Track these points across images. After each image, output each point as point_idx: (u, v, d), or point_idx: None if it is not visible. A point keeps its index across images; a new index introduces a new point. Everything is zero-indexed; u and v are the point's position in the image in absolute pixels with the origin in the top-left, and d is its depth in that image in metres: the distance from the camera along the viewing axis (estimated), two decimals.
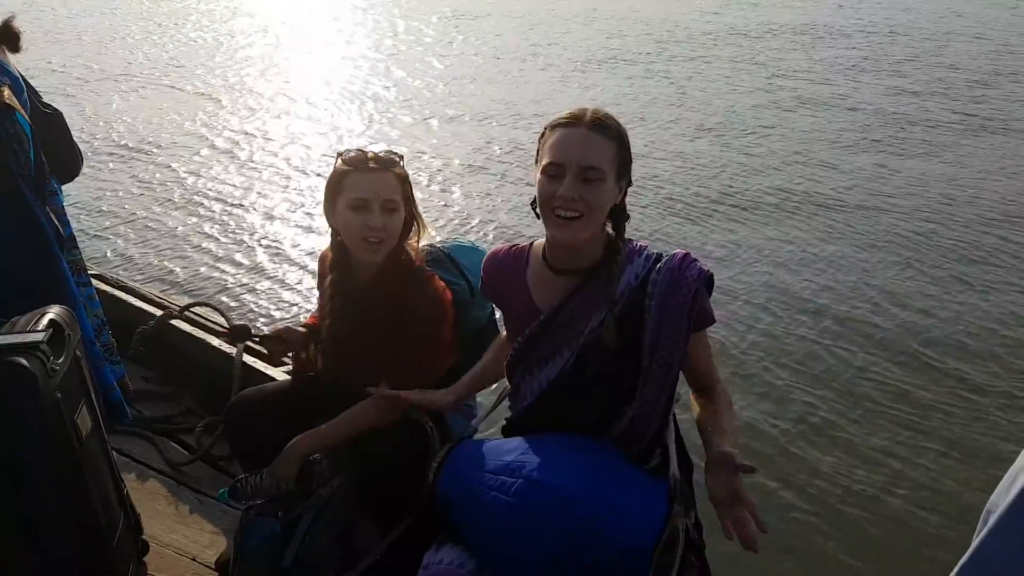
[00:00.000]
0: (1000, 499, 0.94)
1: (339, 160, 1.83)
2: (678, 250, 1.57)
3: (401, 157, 1.86)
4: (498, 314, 1.96)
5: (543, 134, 1.54)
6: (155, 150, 7.48)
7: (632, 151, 1.56)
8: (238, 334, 2.18)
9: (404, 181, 1.84)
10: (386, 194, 1.79)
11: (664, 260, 1.55)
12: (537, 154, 1.54)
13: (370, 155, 1.81)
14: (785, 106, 8.78)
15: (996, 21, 13.62)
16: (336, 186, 1.82)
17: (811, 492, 3.19)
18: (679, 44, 12.15)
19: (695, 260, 1.55)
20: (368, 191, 1.77)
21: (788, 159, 7.11)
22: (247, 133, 8.05)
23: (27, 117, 2.15)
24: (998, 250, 5.32)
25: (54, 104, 2.40)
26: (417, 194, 1.88)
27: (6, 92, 2.05)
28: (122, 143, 7.66)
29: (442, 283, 1.88)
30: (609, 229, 1.59)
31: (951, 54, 11.16)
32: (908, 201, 6.12)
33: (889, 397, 3.78)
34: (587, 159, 1.45)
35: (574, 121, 1.49)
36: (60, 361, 1.54)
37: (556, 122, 1.52)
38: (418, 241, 1.91)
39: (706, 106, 8.80)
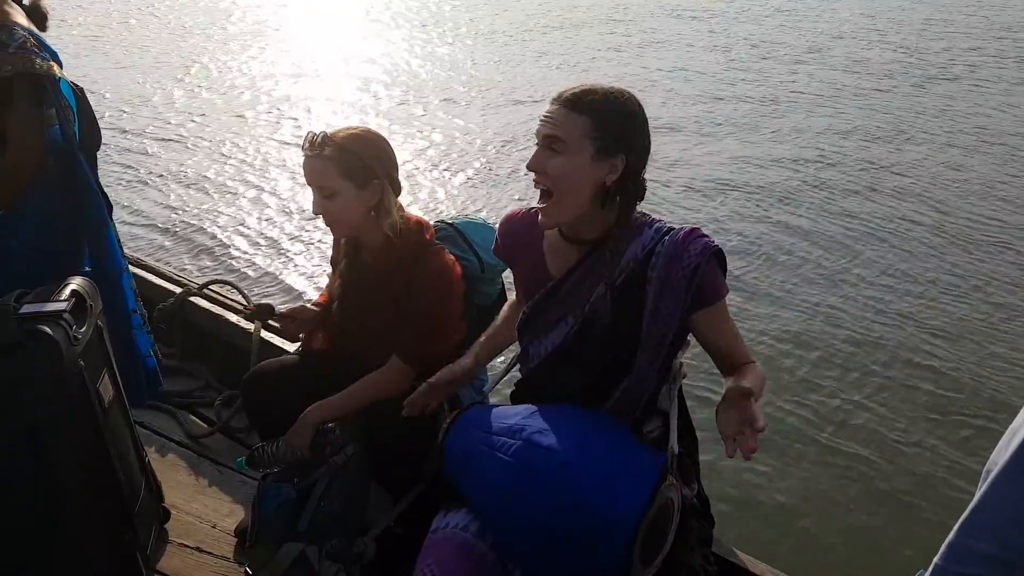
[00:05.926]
0: (1000, 456, 0.97)
1: None
2: (687, 225, 1.55)
3: (326, 136, 1.79)
4: (508, 287, 1.98)
5: None
6: (169, 130, 7.55)
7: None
8: (262, 313, 2.22)
9: (336, 161, 1.77)
10: (317, 181, 1.79)
11: (671, 233, 1.54)
12: None
13: (306, 141, 1.79)
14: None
15: None
16: None
17: (823, 463, 3.27)
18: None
19: (704, 236, 1.52)
20: (307, 178, 1.80)
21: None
22: (265, 113, 8.10)
23: (73, 89, 2.19)
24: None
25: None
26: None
27: (55, 67, 2.10)
28: (135, 123, 7.73)
29: (451, 256, 1.90)
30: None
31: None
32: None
33: (900, 367, 3.89)
34: (550, 130, 1.48)
35: (555, 98, 1.52)
36: (83, 330, 1.59)
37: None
38: (399, 208, 1.86)
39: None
